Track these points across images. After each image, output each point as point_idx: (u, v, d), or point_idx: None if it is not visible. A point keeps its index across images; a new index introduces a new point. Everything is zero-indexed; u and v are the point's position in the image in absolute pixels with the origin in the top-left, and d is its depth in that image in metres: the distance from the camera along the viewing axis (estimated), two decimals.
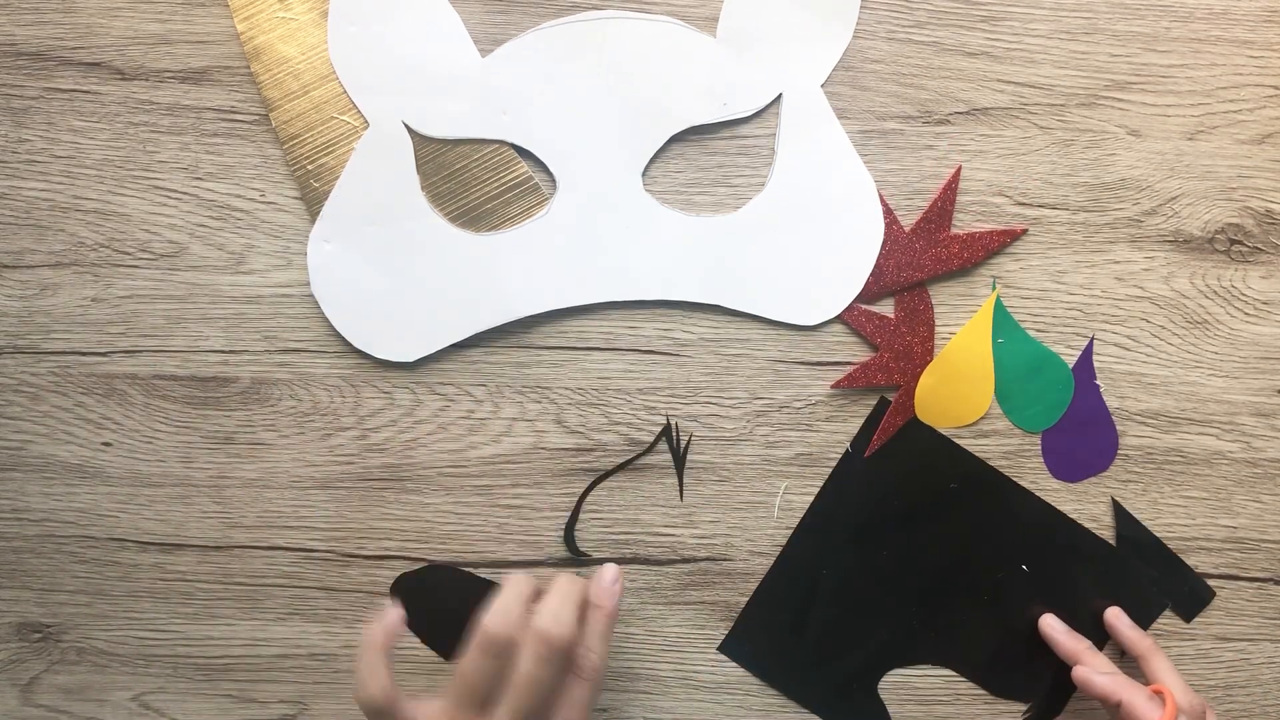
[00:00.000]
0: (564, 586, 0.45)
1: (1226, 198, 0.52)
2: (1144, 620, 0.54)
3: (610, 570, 0.47)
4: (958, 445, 0.53)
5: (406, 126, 0.50)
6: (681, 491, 0.53)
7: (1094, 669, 0.49)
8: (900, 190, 0.52)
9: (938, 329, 0.52)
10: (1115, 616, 0.52)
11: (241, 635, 0.54)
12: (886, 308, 0.52)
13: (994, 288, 0.52)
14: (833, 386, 0.52)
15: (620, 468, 0.53)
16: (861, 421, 0.53)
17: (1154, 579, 0.54)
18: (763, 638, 0.54)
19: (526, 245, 0.51)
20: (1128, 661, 0.52)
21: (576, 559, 0.53)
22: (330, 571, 0.53)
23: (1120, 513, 0.53)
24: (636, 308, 0.52)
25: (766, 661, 0.54)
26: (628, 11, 0.50)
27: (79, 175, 0.51)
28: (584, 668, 0.44)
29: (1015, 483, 0.53)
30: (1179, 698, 0.47)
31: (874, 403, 0.53)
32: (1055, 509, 0.53)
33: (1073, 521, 0.53)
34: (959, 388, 0.52)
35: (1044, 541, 0.53)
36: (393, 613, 0.46)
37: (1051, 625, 0.53)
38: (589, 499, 0.53)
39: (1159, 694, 0.47)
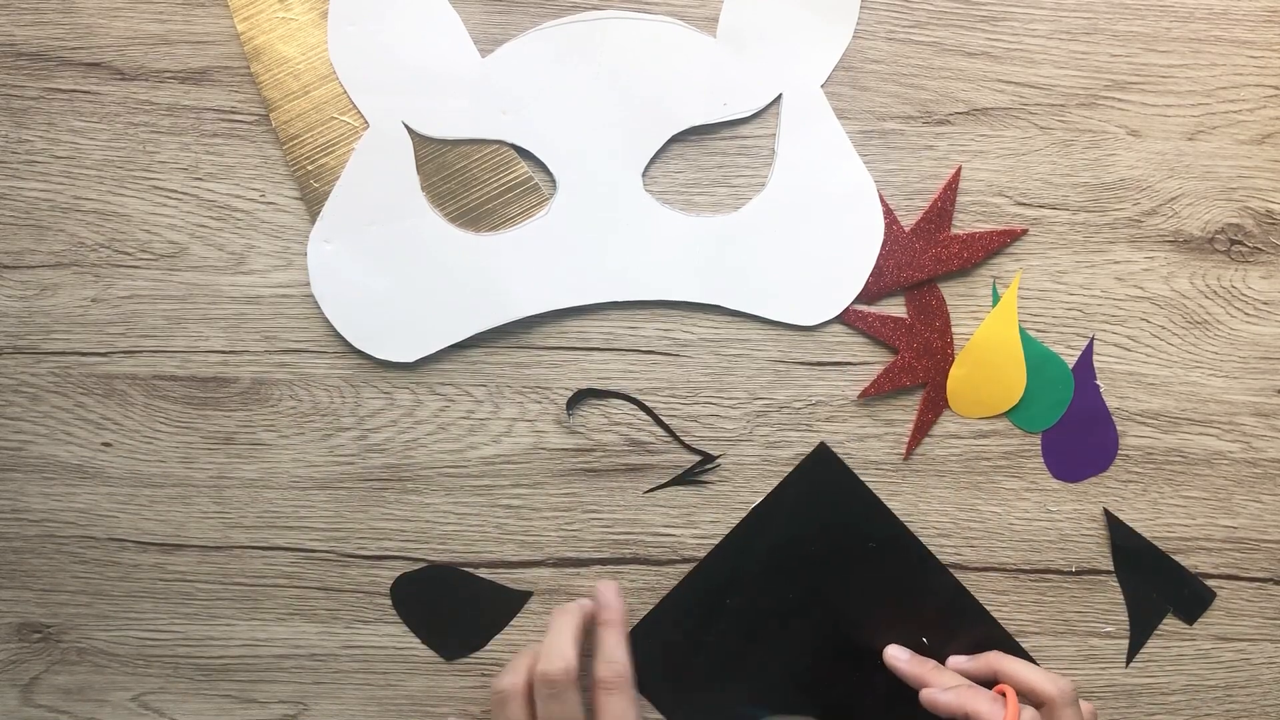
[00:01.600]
0: (556, 622, 0.48)
1: (1226, 198, 0.52)
2: (1146, 627, 0.54)
3: (608, 586, 0.51)
4: (886, 507, 0.52)
5: (406, 126, 0.50)
6: (659, 487, 0.53)
7: (939, 687, 0.48)
8: (900, 190, 0.52)
9: None
10: (892, 657, 0.51)
11: (241, 635, 0.54)
12: (890, 307, 0.52)
13: (1018, 271, 0.52)
14: (861, 396, 0.52)
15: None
16: (863, 421, 0.53)
17: (1154, 585, 0.54)
18: (658, 647, 0.53)
19: (526, 245, 0.51)
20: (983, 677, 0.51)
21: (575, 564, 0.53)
22: (330, 571, 0.53)
23: (1114, 523, 0.53)
24: (636, 308, 0.52)
25: (655, 672, 0.53)
26: (628, 11, 0.50)
27: (79, 175, 0.51)
28: (607, 680, 0.46)
29: (935, 558, 0.53)
30: (1045, 688, 0.46)
31: (876, 404, 0.53)
32: (968, 593, 0.53)
33: (981, 608, 0.53)
34: (992, 375, 0.52)
35: (950, 620, 0.53)
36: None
37: (895, 655, 0.52)
38: (588, 499, 0.53)
39: (1003, 695, 0.47)
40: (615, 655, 0.47)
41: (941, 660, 0.52)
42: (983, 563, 0.54)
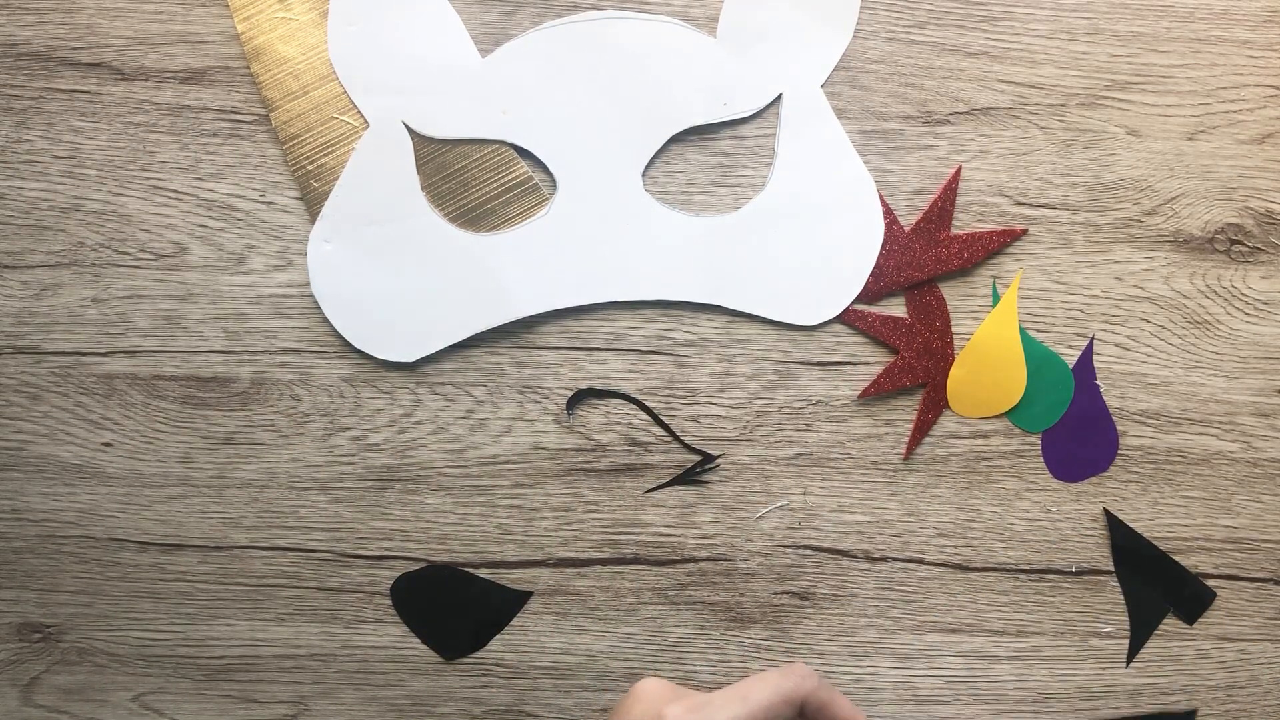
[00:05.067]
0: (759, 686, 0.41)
1: (1226, 198, 0.52)
2: (1146, 627, 0.54)
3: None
4: None
5: (406, 126, 0.50)
6: (659, 487, 0.53)
7: None
8: (900, 190, 0.52)
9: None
10: None
11: (241, 635, 0.54)
12: (890, 307, 0.52)
13: (1019, 271, 0.52)
14: (860, 396, 0.52)
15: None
16: (863, 421, 0.53)
17: (1154, 585, 0.54)
18: None
19: (526, 245, 0.51)
20: None
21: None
22: (330, 571, 0.53)
23: (1114, 523, 0.53)
24: (636, 308, 0.52)
25: None
26: (628, 11, 0.50)
27: (79, 175, 0.51)
28: None
29: None
30: None
31: (876, 404, 0.53)
32: None
33: None
34: (992, 375, 0.52)
35: None
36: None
37: None
38: (588, 499, 0.53)
39: None
40: None
41: None
42: (983, 563, 0.54)
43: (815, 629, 0.54)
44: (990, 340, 0.52)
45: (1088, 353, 0.53)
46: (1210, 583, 0.54)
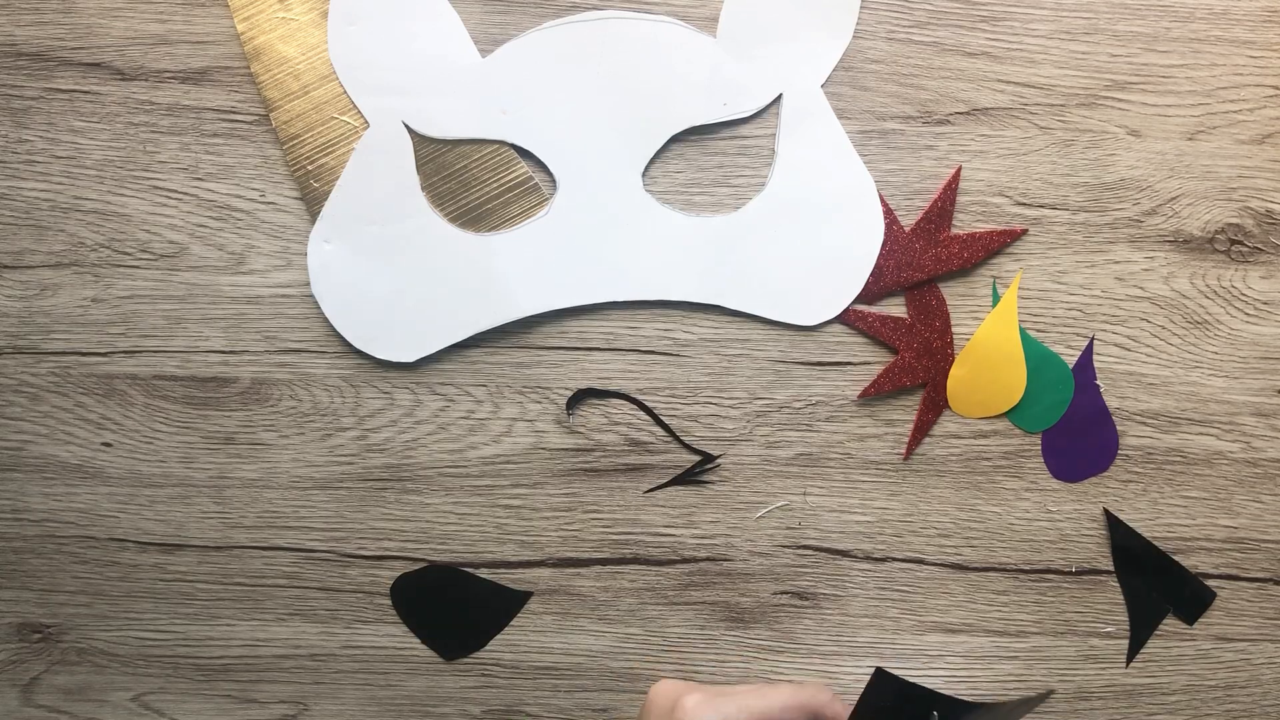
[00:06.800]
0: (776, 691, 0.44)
1: (1226, 198, 0.52)
2: (1146, 627, 0.54)
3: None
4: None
5: (406, 126, 0.50)
6: (659, 487, 0.53)
7: None
8: (900, 190, 0.52)
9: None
10: None
11: (241, 635, 0.54)
12: (890, 307, 0.52)
13: (1019, 271, 0.52)
14: (860, 396, 0.52)
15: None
16: (863, 421, 0.53)
17: (1154, 585, 0.54)
18: None
19: (526, 245, 0.51)
20: None
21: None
22: (330, 572, 0.53)
23: (1114, 523, 0.53)
24: (636, 308, 0.52)
25: None
26: (628, 11, 0.50)
27: (79, 175, 0.51)
28: None
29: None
30: None
31: (876, 404, 0.53)
32: None
33: None
34: (992, 375, 0.52)
35: None
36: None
37: None
38: (588, 499, 0.53)
39: None
40: None
41: None
42: (983, 563, 0.54)
43: (815, 629, 0.54)
44: (990, 340, 0.52)
45: (1088, 353, 0.53)
46: (1210, 583, 0.54)
